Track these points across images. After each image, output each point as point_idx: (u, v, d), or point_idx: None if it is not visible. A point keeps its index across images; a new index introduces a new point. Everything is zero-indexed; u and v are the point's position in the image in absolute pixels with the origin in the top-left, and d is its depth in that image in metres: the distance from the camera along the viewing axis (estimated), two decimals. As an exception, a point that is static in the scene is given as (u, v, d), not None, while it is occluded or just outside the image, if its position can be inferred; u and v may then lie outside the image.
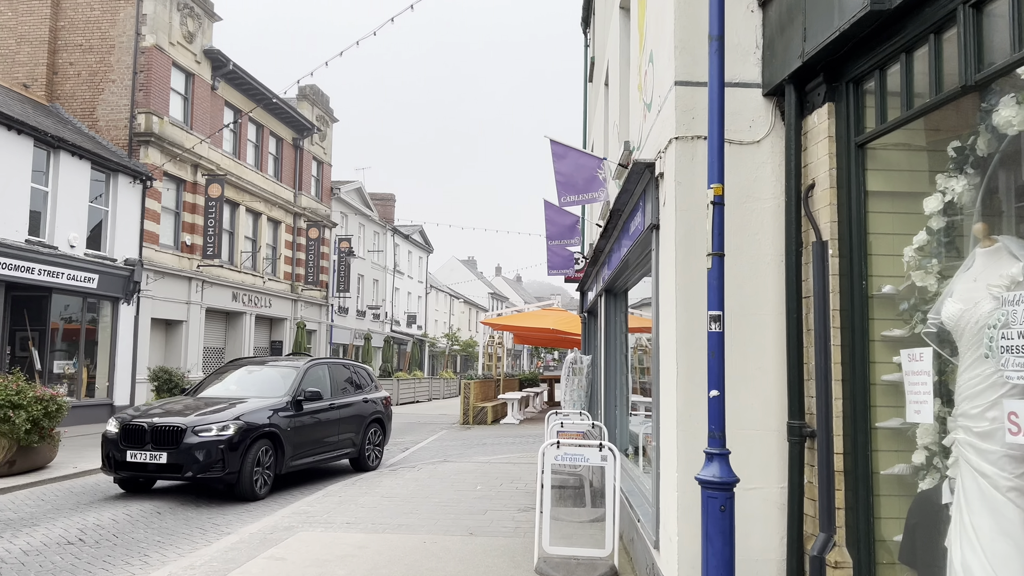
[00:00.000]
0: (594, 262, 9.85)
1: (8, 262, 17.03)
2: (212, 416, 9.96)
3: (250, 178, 29.09)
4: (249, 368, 12.26)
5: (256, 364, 12.48)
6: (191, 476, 9.62)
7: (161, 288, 23.32)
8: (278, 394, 11.01)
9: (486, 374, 26.58)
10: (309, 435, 11.16)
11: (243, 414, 10.09)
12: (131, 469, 9.85)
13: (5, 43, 23.09)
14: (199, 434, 9.67)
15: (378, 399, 13.40)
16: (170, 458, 9.62)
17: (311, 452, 11.29)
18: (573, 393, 13.21)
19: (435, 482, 10.99)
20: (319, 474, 12.46)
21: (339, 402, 12.09)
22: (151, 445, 9.72)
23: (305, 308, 33.95)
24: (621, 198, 6.26)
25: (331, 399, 11.93)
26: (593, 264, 10.12)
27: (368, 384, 13.41)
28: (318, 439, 11.44)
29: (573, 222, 10.25)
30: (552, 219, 10.13)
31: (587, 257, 12.75)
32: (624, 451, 9.21)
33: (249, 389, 11.36)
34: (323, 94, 35.85)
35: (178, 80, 24.49)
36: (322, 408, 11.56)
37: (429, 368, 56.47)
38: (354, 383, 12.98)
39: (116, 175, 21.24)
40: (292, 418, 10.80)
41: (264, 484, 10.22)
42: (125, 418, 10.14)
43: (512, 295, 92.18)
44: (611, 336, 9.72)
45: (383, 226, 46.65)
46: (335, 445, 11.91)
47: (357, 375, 13.26)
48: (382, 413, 13.35)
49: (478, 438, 18.12)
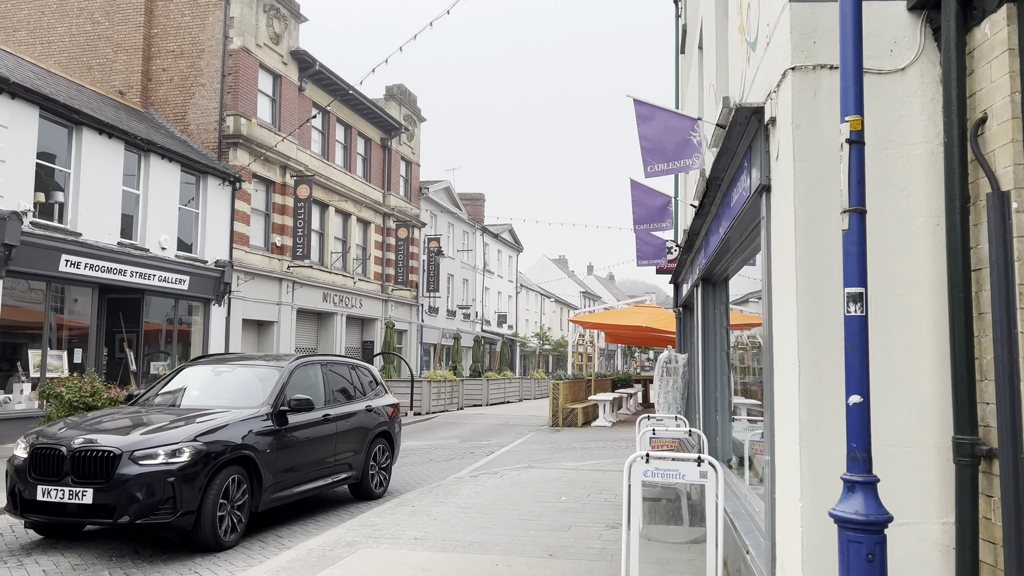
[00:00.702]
0: (688, 248, 8.76)
1: (101, 264, 17.28)
2: (160, 435, 7.20)
3: (339, 179, 29.12)
4: (216, 368, 9.43)
5: (227, 363, 9.61)
6: (128, 522, 6.79)
7: (252, 289, 23.47)
8: (254, 403, 8.31)
9: (576, 374, 25.60)
10: (297, 457, 8.51)
11: (204, 432, 7.36)
12: (44, 511, 7.00)
13: (103, 52, 23.78)
14: (140, 461, 6.90)
15: (384, 407, 10.72)
16: (98, 496, 6.79)
17: (299, 480, 8.62)
18: (668, 395, 12.12)
19: (517, 491, 10.13)
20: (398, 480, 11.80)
21: (336, 412, 9.45)
22: (72, 478, 6.90)
23: (395, 308, 33.86)
24: (720, 162, 5.22)
25: (326, 408, 9.30)
26: (687, 251, 9.03)
27: (372, 388, 10.71)
28: (309, 462, 8.76)
29: (664, 203, 9.15)
30: (640, 200, 9.03)
31: (680, 245, 11.62)
32: (727, 462, 8.09)
33: (217, 397, 8.69)
34: (410, 93, 35.73)
35: (265, 82, 24.64)
36: (314, 421, 8.90)
37: (520, 368, 55.88)
38: (356, 387, 10.36)
39: (206, 177, 21.44)
40: (273, 436, 8.10)
41: (233, 528, 7.51)
42: (35, 438, 7.36)
43: (604, 293, 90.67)
44: (709, 331, 8.61)
45: (472, 225, 46.32)
46: (331, 469, 9.25)
47: (359, 376, 10.61)
48: (389, 425, 10.70)
49: (567, 442, 17.19)
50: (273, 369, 9.06)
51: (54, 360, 16.73)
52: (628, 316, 22.89)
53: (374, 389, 10.76)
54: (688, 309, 12.41)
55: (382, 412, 10.61)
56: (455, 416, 24.76)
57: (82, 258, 16.69)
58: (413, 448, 15.88)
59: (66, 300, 17.41)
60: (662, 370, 12.07)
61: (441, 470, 12.75)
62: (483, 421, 23.05)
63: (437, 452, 15.25)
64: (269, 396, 8.46)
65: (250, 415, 8.00)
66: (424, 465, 13.38)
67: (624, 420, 23.48)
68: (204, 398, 8.73)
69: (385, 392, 11.05)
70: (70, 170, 16.94)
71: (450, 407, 26.74)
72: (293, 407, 8.45)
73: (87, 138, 17.21)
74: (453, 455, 14.82)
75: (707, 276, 8.40)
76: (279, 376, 8.82)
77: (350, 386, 10.22)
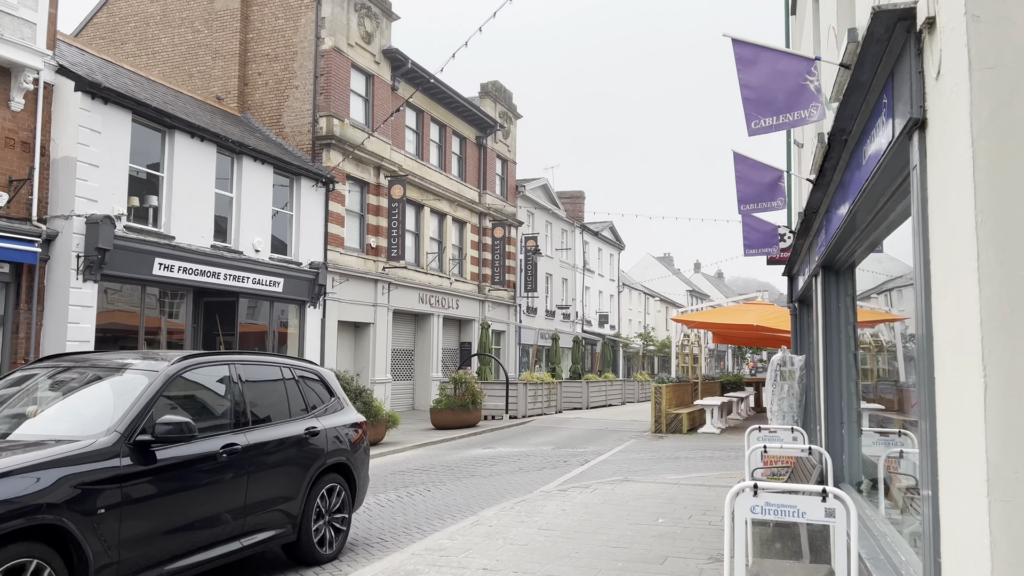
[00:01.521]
0: (805, 231, 7.44)
1: (195, 267, 17.33)
2: None
3: (434, 178, 28.73)
4: (55, 374, 6.21)
5: (73, 366, 6.27)
6: None
7: (347, 291, 23.30)
8: (93, 430, 5.24)
9: (680, 377, 24.09)
10: (168, 515, 5.38)
11: None
12: None
13: (203, 60, 24.23)
14: None
15: (340, 430, 7.51)
16: None
17: (174, 552, 5.43)
18: (782, 402, 10.70)
19: (608, 510, 9.05)
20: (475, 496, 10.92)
21: (250, 440, 6.28)
22: None
23: (492, 309, 33.23)
24: (847, 107, 4.01)
25: (230, 435, 6.15)
26: (804, 235, 7.69)
27: (321, 403, 7.54)
28: (194, 521, 5.62)
29: (774, 179, 7.76)
30: (745, 176, 7.67)
31: (794, 230, 10.21)
32: (856, 485, 6.75)
33: (42, 419, 5.64)
34: (505, 90, 35.05)
35: (358, 82, 24.46)
36: (203, 456, 5.77)
37: (623, 370, 54.29)
38: (292, 402, 7.14)
39: (299, 179, 21.37)
40: (121, 484, 5.04)
41: None
42: None
43: (713, 292, 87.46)
44: (832, 328, 7.27)
45: (571, 223, 45.23)
46: (239, 527, 6.04)
47: (299, 387, 7.33)
48: (347, 454, 7.47)
49: (669, 450, 15.89)
50: (140, 375, 5.83)
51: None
52: (737, 314, 21.25)
53: (325, 404, 7.55)
54: (805, 304, 10.95)
55: (336, 437, 7.36)
56: (552, 420, 23.78)
57: (176, 261, 16.76)
58: (503, 455, 15.02)
59: (162, 304, 17.58)
60: (775, 374, 10.66)
61: (529, 481, 11.81)
62: (580, 426, 21.97)
63: (528, 460, 14.32)
64: (120, 420, 5.30)
65: (76, 451, 4.89)
66: (512, 475, 12.48)
67: (734, 426, 21.85)
68: (13, 423, 5.58)
69: (343, 407, 7.87)
70: (163, 174, 17.06)
71: (547, 410, 25.78)
72: (161, 436, 5.31)
73: (179, 142, 17.30)
74: (545, 464, 13.85)
75: (829, 263, 7.07)
76: (144, 387, 5.63)
77: (281, 401, 6.99)
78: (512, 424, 21.85)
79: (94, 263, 14.72)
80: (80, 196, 14.72)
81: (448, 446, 16.74)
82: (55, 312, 14.50)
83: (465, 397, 20.08)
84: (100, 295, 15.41)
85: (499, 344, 34.33)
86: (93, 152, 15.01)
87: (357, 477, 7.73)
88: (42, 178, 14.62)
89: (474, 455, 15.11)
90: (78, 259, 14.61)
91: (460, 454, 15.24)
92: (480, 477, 12.25)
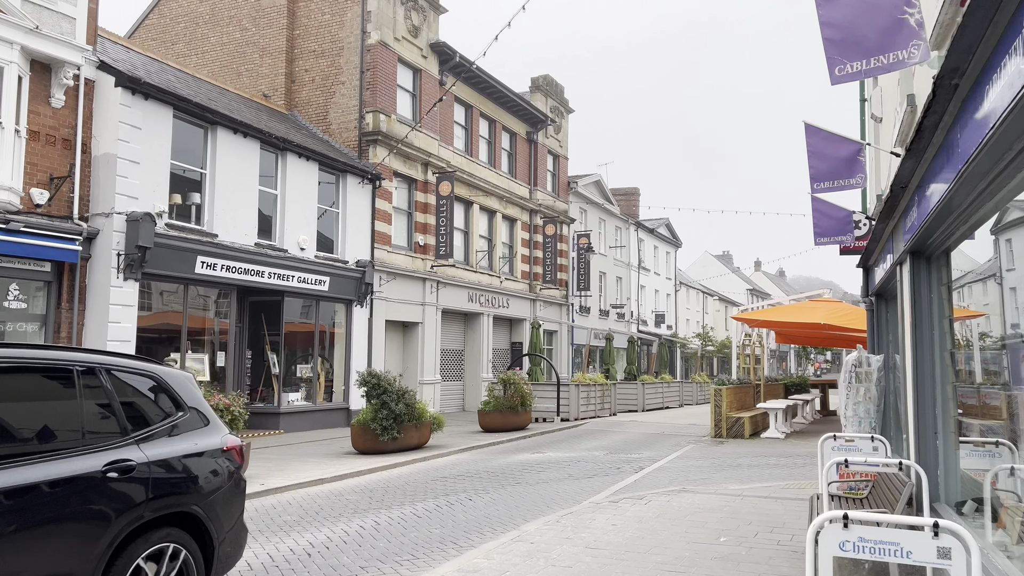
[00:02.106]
0: (888, 213, 6.47)
1: (238, 266, 17.02)
2: None
3: (483, 175, 28.11)
4: None
5: None
6: None
7: (395, 290, 22.83)
8: None
9: (742, 378, 22.91)
10: None
11: None
12: None
13: (251, 58, 24.09)
14: None
15: (188, 460, 5.13)
16: None
17: None
18: (857, 407, 9.68)
19: (663, 526, 8.20)
20: (525, 501, 10.15)
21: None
22: None
23: (544, 308, 32.45)
24: (965, 34, 3.14)
25: None
26: (887, 217, 6.72)
27: (159, 419, 5.12)
28: None
29: (852, 152, 6.70)
30: (818, 150, 6.63)
31: (872, 216, 9.19)
32: (957, 507, 5.78)
33: None
34: (557, 84, 34.23)
35: (405, 76, 23.98)
36: None
37: (681, 371, 52.84)
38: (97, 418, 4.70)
39: (345, 176, 20.97)
40: None
41: None
42: None
43: (774, 291, 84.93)
44: (922, 323, 6.30)
45: (625, 220, 44.11)
46: None
47: (112, 396, 4.84)
48: (199, 497, 5.10)
49: (731, 457, 14.87)
50: None
51: (195, 364, 16.61)
52: (803, 312, 20.02)
53: (167, 423, 5.14)
54: (883, 298, 9.89)
55: (177, 472, 5.00)
56: (605, 423, 22.87)
57: (218, 259, 16.46)
58: (552, 461, 14.24)
59: (207, 303, 17.33)
60: (849, 375, 9.63)
61: (578, 490, 11.00)
62: (636, 430, 21.02)
63: (578, 467, 13.51)
64: None
65: None
66: (560, 483, 11.69)
67: (800, 431, 20.62)
68: None
69: (204, 425, 5.46)
70: (206, 171, 16.79)
71: (601, 413, 24.87)
72: None
73: (222, 138, 17.02)
74: (596, 471, 13.03)
75: (919, 248, 6.10)
76: None
77: (65, 421, 4.54)
78: (563, 427, 21.05)
79: (134, 261, 14.47)
80: (120, 193, 14.50)
81: (495, 450, 16.04)
82: (96, 311, 14.29)
83: (514, 399, 19.34)
84: (143, 294, 15.19)
85: (551, 344, 33.52)
86: (134, 149, 14.79)
87: (216, 531, 5.11)
88: (83, 175, 14.44)
89: (521, 460, 14.38)
90: (118, 257, 14.39)
91: (507, 459, 14.52)
92: (526, 485, 11.50)
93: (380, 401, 14.07)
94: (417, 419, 14.74)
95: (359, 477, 12.05)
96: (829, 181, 6.73)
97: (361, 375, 14.72)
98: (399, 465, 13.24)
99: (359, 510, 9.45)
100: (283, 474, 11.59)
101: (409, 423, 14.50)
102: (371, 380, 14.23)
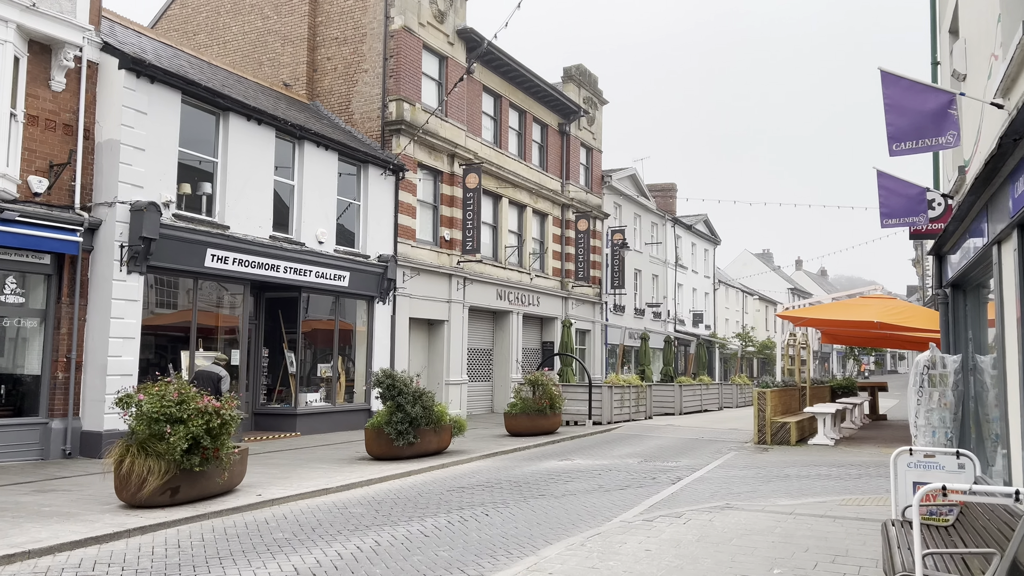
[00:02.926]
0: (987, 178, 5.22)
1: (251, 259, 16.17)
2: None
3: (512, 168, 27.04)
4: None
5: None
6: None
7: (419, 286, 21.87)
8: None
9: (786, 380, 21.50)
10: None
11: None
12: None
13: (272, 47, 23.35)
14: None
15: None
16: None
17: None
18: (930, 415, 8.40)
19: (705, 552, 7.04)
20: (548, 517, 9.04)
21: None
22: None
23: (576, 306, 31.26)
24: None
25: None
26: (982, 188, 5.46)
27: None
28: None
29: (942, 104, 5.36)
30: (897, 103, 5.24)
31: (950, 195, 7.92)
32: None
33: None
34: (590, 74, 33.01)
35: (430, 64, 23.01)
36: None
37: (720, 372, 51.16)
38: None
39: (366, 167, 20.07)
40: None
41: None
42: None
43: (816, 290, 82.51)
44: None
45: (662, 216, 42.67)
46: None
47: None
48: None
49: (777, 466, 13.60)
50: None
51: (206, 361, 15.80)
52: (854, 309, 18.59)
53: None
54: (960, 289, 8.58)
55: None
56: (640, 427, 21.63)
57: (230, 252, 15.63)
58: (581, 469, 13.11)
59: (219, 299, 16.53)
60: (921, 378, 8.36)
61: (608, 504, 9.87)
62: (673, 435, 19.75)
63: (609, 476, 12.36)
64: None
65: None
66: (588, 495, 10.56)
67: (850, 437, 19.19)
68: None
69: None
70: (217, 159, 15.97)
71: (636, 416, 23.62)
72: None
73: (234, 125, 16.19)
74: (629, 481, 11.87)
75: (1031, 220, 4.87)
76: None
77: None
78: (595, 431, 19.87)
79: (139, 253, 13.67)
80: (124, 182, 13.71)
81: (520, 456, 14.95)
82: (99, 306, 13.53)
83: (542, 401, 18.22)
84: (148, 289, 14.42)
85: (583, 344, 32.32)
86: (139, 135, 14.00)
87: None
88: (85, 163, 13.69)
89: (547, 468, 13.27)
90: (122, 249, 13.61)
91: (532, 467, 13.43)
92: (550, 497, 10.40)
93: (395, 403, 13.07)
94: (436, 422, 13.72)
95: (368, 487, 11.05)
96: (912, 141, 5.42)
97: (376, 375, 13.75)
98: (414, 473, 12.22)
99: (361, 526, 8.44)
100: (286, 483, 10.65)
101: (427, 427, 13.49)
102: (386, 380, 13.24)
